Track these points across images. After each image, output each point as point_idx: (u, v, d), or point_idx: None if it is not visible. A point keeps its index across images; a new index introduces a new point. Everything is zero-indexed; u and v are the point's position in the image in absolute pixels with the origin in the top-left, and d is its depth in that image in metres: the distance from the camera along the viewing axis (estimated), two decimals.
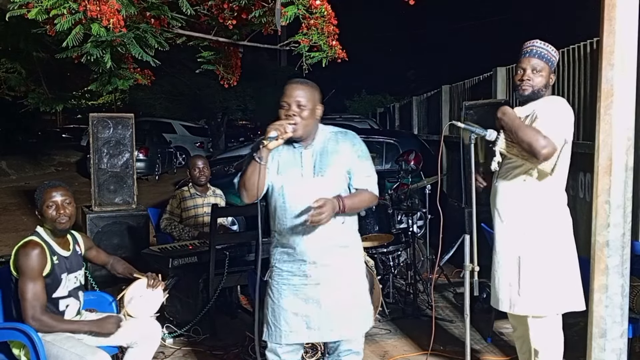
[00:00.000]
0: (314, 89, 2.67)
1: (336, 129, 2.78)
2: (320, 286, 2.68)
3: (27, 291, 2.87)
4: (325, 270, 2.68)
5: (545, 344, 3.00)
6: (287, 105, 2.60)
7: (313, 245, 2.66)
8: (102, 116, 5.79)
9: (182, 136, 19.74)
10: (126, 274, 3.37)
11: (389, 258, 5.18)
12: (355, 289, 2.77)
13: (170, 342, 4.25)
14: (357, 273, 2.80)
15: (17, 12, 3.90)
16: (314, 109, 2.63)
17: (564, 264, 2.96)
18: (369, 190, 2.70)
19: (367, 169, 2.72)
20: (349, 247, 2.77)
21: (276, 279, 2.75)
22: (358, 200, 2.66)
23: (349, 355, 2.83)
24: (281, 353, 2.77)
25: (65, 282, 3.09)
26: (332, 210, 2.49)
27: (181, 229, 5.01)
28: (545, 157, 2.77)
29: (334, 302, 2.69)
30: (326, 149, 2.69)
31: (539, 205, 2.95)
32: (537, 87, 2.94)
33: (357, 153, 2.70)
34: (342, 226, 2.71)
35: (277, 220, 2.74)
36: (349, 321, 2.72)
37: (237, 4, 4.30)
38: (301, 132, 2.61)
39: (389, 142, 8.13)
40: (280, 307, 2.72)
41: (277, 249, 2.76)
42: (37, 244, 2.97)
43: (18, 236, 8.23)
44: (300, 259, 2.68)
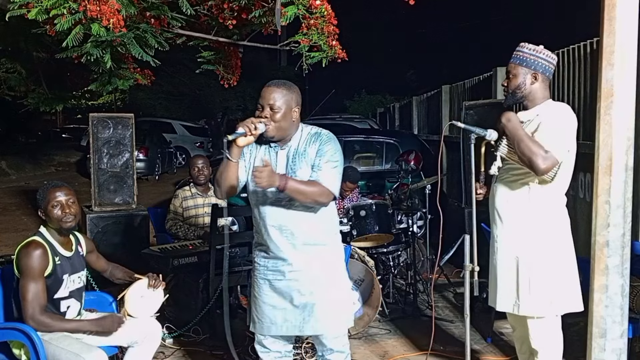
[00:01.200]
0: (291, 91, 2.69)
1: (315, 129, 2.80)
2: (295, 282, 2.76)
3: (28, 291, 2.88)
4: (298, 267, 2.75)
5: (545, 345, 3.00)
6: (260, 106, 2.67)
7: (285, 243, 2.74)
8: (102, 116, 5.80)
9: (182, 136, 19.74)
10: (126, 279, 3.38)
11: (389, 258, 5.18)
12: (331, 287, 2.80)
13: (170, 342, 4.25)
14: (334, 271, 2.84)
15: (17, 12, 3.90)
16: (288, 111, 2.67)
17: (562, 265, 2.96)
18: (321, 183, 2.66)
19: (322, 164, 2.68)
20: (326, 245, 2.81)
21: (256, 274, 2.87)
22: (304, 186, 2.62)
23: (332, 354, 2.88)
24: (267, 344, 2.90)
25: (67, 283, 3.09)
26: (270, 177, 2.47)
27: (186, 229, 5.01)
28: (544, 172, 2.80)
29: (308, 298, 2.75)
30: (299, 150, 2.73)
31: (538, 207, 2.95)
32: (512, 89, 2.99)
33: (320, 152, 2.70)
34: (316, 225, 2.75)
35: (253, 218, 2.83)
36: (324, 318, 2.77)
37: (237, 4, 4.30)
38: (273, 133, 2.66)
39: (389, 142, 8.13)
40: (261, 301, 2.83)
41: (258, 246, 2.87)
42: (40, 245, 2.97)
43: (18, 236, 8.23)
44: (274, 256, 2.78)
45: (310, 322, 2.77)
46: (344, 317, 2.88)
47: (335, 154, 2.72)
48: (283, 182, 2.54)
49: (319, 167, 2.69)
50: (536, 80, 2.95)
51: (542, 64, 2.94)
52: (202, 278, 4.40)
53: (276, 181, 2.51)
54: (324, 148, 2.71)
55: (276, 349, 2.91)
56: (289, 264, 2.75)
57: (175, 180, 14.05)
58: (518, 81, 2.96)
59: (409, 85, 26.99)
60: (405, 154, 6.38)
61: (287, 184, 2.54)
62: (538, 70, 2.94)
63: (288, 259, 2.75)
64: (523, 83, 2.96)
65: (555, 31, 14.11)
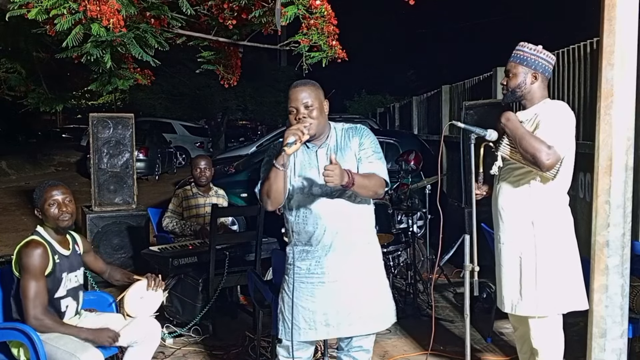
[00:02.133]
0: (316, 87, 2.70)
1: (347, 125, 2.80)
2: (339, 283, 2.70)
3: (30, 290, 2.88)
4: (346, 267, 2.70)
5: (546, 344, 3.00)
6: (294, 109, 2.64)
7: (334, 242, 2.69)
8: (102, 116, 5.80)
9: (182, 136, 19.74)
10: (125, 280, 3.37)
11: (389, 258, 5.18)
12: (376, 285, 2.78)
13: (170, 342, 4.25)
14: (378, 269, 2.82)
15: (17, 12, 3.90)
16: (321, 107, 2.67)
17: (565, 264, 2.96)
18: (377, 174, 2.67)
19: (370, 156, 2.70)
20: (370, 243, 2.80)
21: (294, 277, 2.76)
22: (367, 180, 2.62)
23: (359, 352, 2.85)
24: (294, 350, 2.79)
25: (65, 282, 3.10)
26: (341, 175, 2.44)
27: (183, 224, 5.00)
28: (549, 168, 2.79)
29: (353, 299, 2.70)
30: (339, 146, 2.73)
31: (541, 206, 2.95)
32: (511, 88, 2.99)
33: (363, 145, 2.72)
34: (362, 222, 2.75)
35: (294, 220, 2.75)
36: (368, 319, 2.74)
37: (237, 4, 4.30)
38: (314, 131, 2.64)
39: (389, 142, 8.12)
40: (298, 305, 2.73)
41: (296, 247, 2.77)
42: (40, 244, 2.97)
43: (18, 236, 8.23)
44: (320, 255, 2.71)
45: (356, 324, 2.72)
46: (391, 315, 2.85)
47: (378, 146, 2.76)
48: (351, 177, 2.50)
49: (369, 159, 2.69)
50: (536, 80, 2.96)
51: (542, 63, 2.95)
52: (202, 278, 4.40)
53: (345, 177, 2.47)
54: (366, 141, 2.72)
55: (298, 355, 2.83)
56: (338, 263, 2.69)
57: (175, 180, 14.04)
58: (518, 80, 2.97)
59: (409, 85, 26.99)
60: (405, 154, 6.37)
61: (354, 180, 2.52)
62: (538, 70, 2.95)
63: (337, 259, 2.69)
64: (523, 82, 2.96)
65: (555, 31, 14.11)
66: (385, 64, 30.04)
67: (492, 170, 3.02)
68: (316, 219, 2.69)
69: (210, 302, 4.29)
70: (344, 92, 26.10)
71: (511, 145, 2.91)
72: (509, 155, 2.94)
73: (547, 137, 2.80)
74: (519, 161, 2.92)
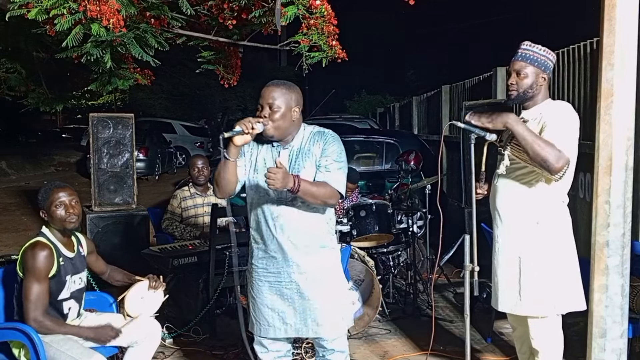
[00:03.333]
0: (291, 91, 2.68)
1: (318, 129, 2.79)
2: (294, 283, 2.74)
3: (32, 292, 2.88)
4: (299, 269, 2.73)
5: (545, 344, 3.00)
6: (260, 106, 2.67)
7: (287, 244, 2.71)
8: (102, 116, 5.80)
9: (182, 136, 19.74)
10: (125, 281, 3.37)
11: (389, 258, 5.18)
12: (331, 289, 2.79)
13: (170, 342, 4.25)
14: (333, 273, 2.82)
15: (17, 12, 3.90)
16: (288, 111, 2.66)
17: (564, 264, 2.96)
18: (329, 184, 2.65)
19: (329, 165, 2.68)
20: (326, 247, 2.80)
21: (254, 275, 2.83)
22: (316, 188, 2.60)
23: (333, 354, 2.87)
24: (267, 344, 2.88)
25: (69, 284, 3.09)
26: (284, 179, 2.44)
27: (182, 229, 5.00)
28: (557, 171, 2.77)
29: (307, 300, 2.73)
30: (302, 149, 2.72)
31: (539, 205, 2.94)
32: (523, 89, 2.93)
33: (325, 152, 2.69)
34: (317, 226, 2.75)
35: (252, 216, 2.80)
36: (325, 320, 2.76)
37: (237, 4, 4.30)
38: (273, 133, 2.65)
39: (389, 142, 8.12)
40: (259, 303, 2.81)
41: (255, 245, 2.83)
42: (46, 245, 2.97)
43: (18, 236, 8.23)
44: (273, 256, 2.74)
45: (311, 325, 2.75)
46: (344, 319, 2.86)
47: (341, 155, 2.72)
48: (296, 183, 2.50)
49: (326, 168, 2.67)
50: (544, 81, 2.94)
51: (549, 64, 2.93)
52: (202, 278, 4.40)
53: (290, 182, 2.48)
54: (329, 148, 2.70)
55: (276, 349, 2.90)
56: (291, 265, 2.73)
57: (175, 180, 14.04)
58: (530, 81, 2.91)
59: (409, 85, 26.99)
60: (405, 154, 6.37)
61: (300, 186, 2.51)
62: (546, 71, 2.93)
63: (290, 261, 2.72)
64: (535, 83, 2.91)
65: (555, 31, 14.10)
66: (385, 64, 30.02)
67: (499, 169, 3.00)
68: (268, 219, 2.71)
69: (210, 302, 4.29)
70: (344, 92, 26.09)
71: (516, 145, 2.89)
72: (515, 155, 2.92)
73: (555, 140, 2.77)
74: (525, 162, 2.89)
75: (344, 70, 11.60)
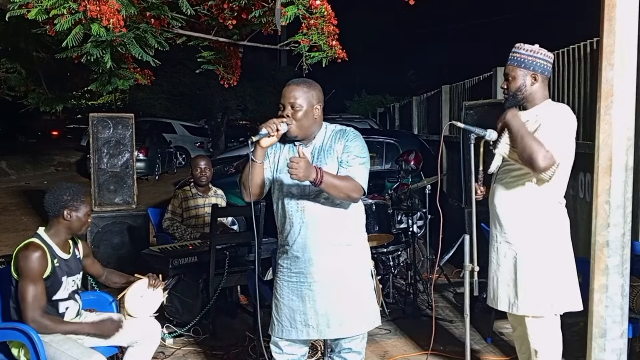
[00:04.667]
0: (312, 89, 2.68)
1: (339, 127, 2.79)
2: (318, 284, 2.70)
3: (28, 293, 2.87)
4: (322, 268, 2.70)
5: (544, 344, 3.01)
6: (282, 106, 2.66)
7: (310, 242, 2.69)
8: (102, 116, 5.80)
9: (182, 136, 19.74)
10: (123, 283, 3.37)
11: (389, 258, 5.18)
12: (356, 288, 2.75)
13: (170, 342, 4.25)
14: (358, 272, 2.79)
15: (17, 12, 3.89)
16: (310, 109, 2.65)
17: (560, 265, 2.96)
18: (352, 177, 2.65)
19: (351, 160, 2.68)
20: (352, 245, 2.76)
21: (279, 275, 2.81)
22: (339, 181, 2.59)
23: (350, 353, 2.84)
24: (283, 346, 2.84)
25: (66, 285, 3.09)
26: (307, 169, 2.43)
27: (183, 230, 5.00)
28: (542, 170, 2.79)
29: (330, 301, 2.70)
30: (325, 147, 2.72)
31: (536, 206, 2.95)
32: (512, 92, 2.97)
33: (347, 148, 2.70)
34: (342, 223, 2.72)
35: (278, 217, 2.79)
36: (346, 321, 2.72)
37: (237, 4, 4.30)
38: (297, 132, 2.65)
39: (389, 142, 8.12)
40: (282, 304, 2.77)
41: (280, 246, 2.82)
42: (39, 247, 2.96)
43: (18, 236, 8.23)
44: (297, 255, 2.72)
45: (334, 326, 2.71)
46: (372, 319, 2.83)
47: (363, 151, 2.72)
48: (319, 175, 2.49)
49: (348, 163, 2.67)
50: (536, 81, 2.95)
51: (540, 63, 2.94)
52: (202, 278, 4.40)
53: (313, 174, 2.47)
54: (351, 144, 2.70)
55: (291, 352, 2.85)
56: (313, 265, 2.69)
57: (175, 180, 14.05)
58: (518, 83, 2.95)
59: (409, 85, 26.99)
60: (405, 154, 6.37)
61: (323, 177, 2.50)
62: (537, 71, 2.94)
63: (313, 260, 2.69)
64: (523, 85, 2.95)
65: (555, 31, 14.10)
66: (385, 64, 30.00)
67: (491, 169, 3.02)
68: (292, 218, 2.70)
69: (210, 302, 4.29)
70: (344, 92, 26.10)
71: (510, 144, 2.91)
72: (507, 154, 2.94)
73: (546, 141, 2.79)
74: (516, 161, 2.91)
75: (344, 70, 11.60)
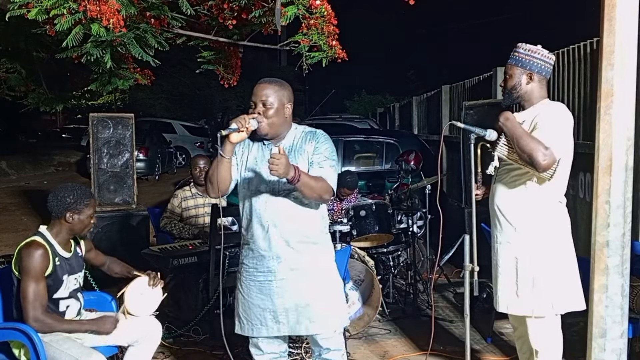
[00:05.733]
0: (283, 88, 2.72)
1: (308, 128, 2.83)
2: (285, 281, 2.73)
3: (29, 291, 2.88)
4: (288, 266, 2.73)
5: (545, 344, 3.01)
6: (253, 104, 2.69)
7: (277, 240, 2.71)
8: (102, 116, 5.80)
9: (182, 136, 19.73)
10: (124, 274, 3.38)
11: (389, 258, 5.18)
12: (323, 286, 2.79)
13: (170, 342, 4.25)
14: (325, 271, 2.82)
15: (17, 12, 3.90)
16: (281, 108, 2.69)
17: (561, 264, 2.96)
18: (324, 179, 2.67)
19: (322, 161, 2.71)
20: (318, 244, 2.80)
21: (244, 275, 2.83)
22: (314, 181, 2.61)
23: (329, 352, 2.87)
24: (262, 347, 2.89)
25: (67, 284, 3.09)
26: (287, 167, 2.44)
27: (181, 227, 5.00)
28: (545, 168, 2.79)
29: (299, 297, 2.73)
30: (294, 147, 2.75)
31: (537, 206, 2.95)
32: (508, 90, 3.01)
33: (317, 150, 2.73)
34: (308, 222, 2.76)
35: (243, 215, 2.82)
36: (318, 318, 2.76)
37: (237, 4, 4.30)
38: (267, 130, 2.67)
39: (389, 142, 8.12)
40: (250, 303, 2.80)
41: (244, 245, 2.84)
42: (41, 245, 2.96)
43: (18, 236, 8.22)
44: (263, 254, 2.75)
45: (304, 322, 2.75)
46: (339, 317, 2.86)
47: (333, 153, 2.77)
48: (297, 173, 2.50)
49: (319, 164, 2.70)
50: (531, 80, 2.96)
51: (537, 63, 2.94)
52: (202, 278, 4.40)
53: (291, 171, 2.48)
54: (321, 146, 2.73)
55: (271, 350, 2.90)
56: (281, 262, 2.73)
57: (175, 180, 14.04)
58: (514, 81, 2.98)
59: (409, 85, 26.99)
60: (405, 154, 6.37)
61: (300, 177, 2.52)
62: (533, 70, 2.94)
63: (280, 258, 2.72)
64: (518, 83, 2.97)
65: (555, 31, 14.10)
66: (385, 64, 30.01)
67: (489, 170, 3.02)
68: (259, 216, 2.73)
69: (210, 302, 4.29)
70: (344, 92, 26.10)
71: (508, 145, 2.91)
72: (506, 155, 2.94)
73: (544, 138, 2.80)
74: (515, 162, 2.91)
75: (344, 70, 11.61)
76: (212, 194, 2.73)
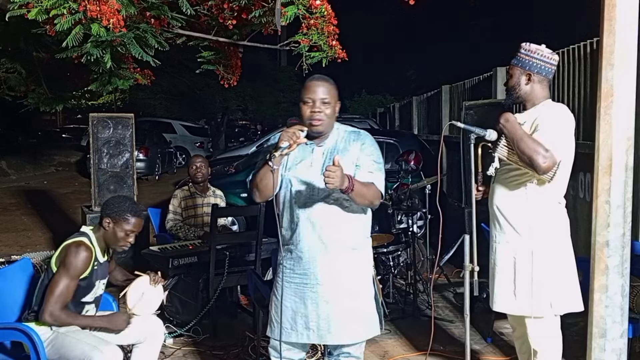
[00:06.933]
0: (335, 86, 2.67)
1: (351, 128, 2.78)
2: (321, 287, 2.65)
3: (59, 286, 2.91)
4: (327, 271, 2.65)
5: (544, 344, 3.01)
6: (311, 101, 2.59)
7: (316, 243, 2.64)
8: (102, 116, 5.81)
9: (182, 136, 19.74)
10: (125, 280, 3.39)
11: (389, 258, 5.18)
12: (358, 294, 2.71)
13: (170, 342, 4.25)
14: (362, 278, 2.75)
15: (17, 12, 3.90)
16: (335, 106, 2.64)
17: (560, 265, 2.96)
18: (375, 185, 2.64)
19: (371, 166, 2.67)
20: (357, 249, 2.73)
21: (280, 276, 2.74)
22: (366, 188, 2.57)
23: (348, 358, 2.80)
24: (282, 350, 2.76)
25: (96, 289, 3.15)
26: (342, 178, 2.39)
27: (187, 230, 5.00)
28: (545, 171, 2.78)
29: (333, 305, 2.65)
30: (337, 148, 2.68)
31: (535, 207, 2.95)
32: (508, 89, 3.03)
33: (365, 151, 2.68)
34: (348, 226, 2.68)
35: (284, 216, 2.73)
36: (348, 327, 2.67)
37: (237, 4, 4.30)
38: (323, 128, 2.62)
39: (389, 142, 8.12)
40: (284, 305, 2.70)
41: (283, 246, 2.75)
42: (89, 248, 3.01)
43: (18, 236, 8.24)
44: (302, 256, 2.67)
45: (335, 331, 2.66)
46: (370, 327, 2.77)
47: (380, 156, 2.72)
48: (351, 183, 2.46)
49: (369, 170, 2.65)
50: (530, 81, 2.95)
51: (536, 64, 2.93)
52: (202, 278, 4.40)
53: (346, 182, 2.42)
54: (368, 149, 2.68)
55: (289, 356, 2.80)
56: (318, 266, 2.64)
57: (175, 180, 14.05)
58: (513, 81, 2.99)
59: (409, 85, 26.98)
60: (405, 154, 6.37)
61: (354, 186, 2.47)
62: (533, 71, 2.94)
63: (317, 261, 2.64)
64: (517, 83, 2.97)
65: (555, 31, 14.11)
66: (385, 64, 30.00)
67: (489, 171, 3.01)
68: (299, 217, 2.65)
69: (210, 302, 4.29)
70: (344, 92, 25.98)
71: (509, 146, 2.91)
72: (507, 156, 2.94)
73: (545, 140, 2.79)
74: (516, 163, 2.91)
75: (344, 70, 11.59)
76: (259, 200, 2.70)
